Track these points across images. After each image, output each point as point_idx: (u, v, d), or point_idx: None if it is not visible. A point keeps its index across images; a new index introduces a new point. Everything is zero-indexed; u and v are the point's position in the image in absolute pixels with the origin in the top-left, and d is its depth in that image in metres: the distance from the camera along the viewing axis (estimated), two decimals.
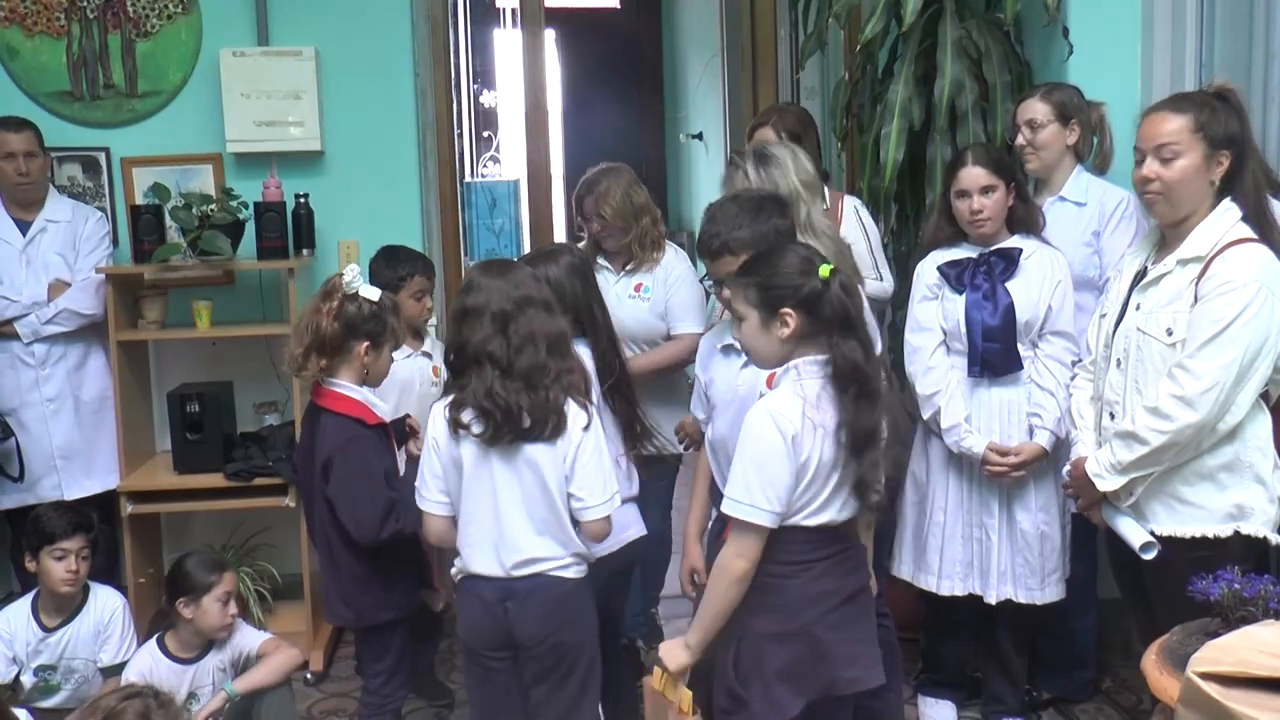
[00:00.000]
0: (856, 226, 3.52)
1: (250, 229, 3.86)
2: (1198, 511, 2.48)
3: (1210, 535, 2.46)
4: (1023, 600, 3.03)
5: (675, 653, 2.25)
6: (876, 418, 2.14)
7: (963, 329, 2.98)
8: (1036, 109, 3.15)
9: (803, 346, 2.18)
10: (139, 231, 3.77)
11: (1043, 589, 3.03)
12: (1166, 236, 2.60)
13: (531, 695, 2.42)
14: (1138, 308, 2.57)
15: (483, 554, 2.37)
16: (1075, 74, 3.42)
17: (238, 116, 4.03)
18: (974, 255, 3.02)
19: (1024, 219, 3.03)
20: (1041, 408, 2.97)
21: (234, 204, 3.80)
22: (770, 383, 2.30)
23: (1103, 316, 2.72)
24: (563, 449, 2.33)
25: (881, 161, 3.41)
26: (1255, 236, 2.48)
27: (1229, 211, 2.50)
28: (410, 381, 3.38)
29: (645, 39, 8.43)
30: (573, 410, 2.35)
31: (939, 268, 3.04)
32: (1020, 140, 3.16)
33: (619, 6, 8.61)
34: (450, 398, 2.36)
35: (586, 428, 2.36)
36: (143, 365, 4.07)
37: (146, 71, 4.10)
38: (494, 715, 2.46)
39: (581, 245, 3.58)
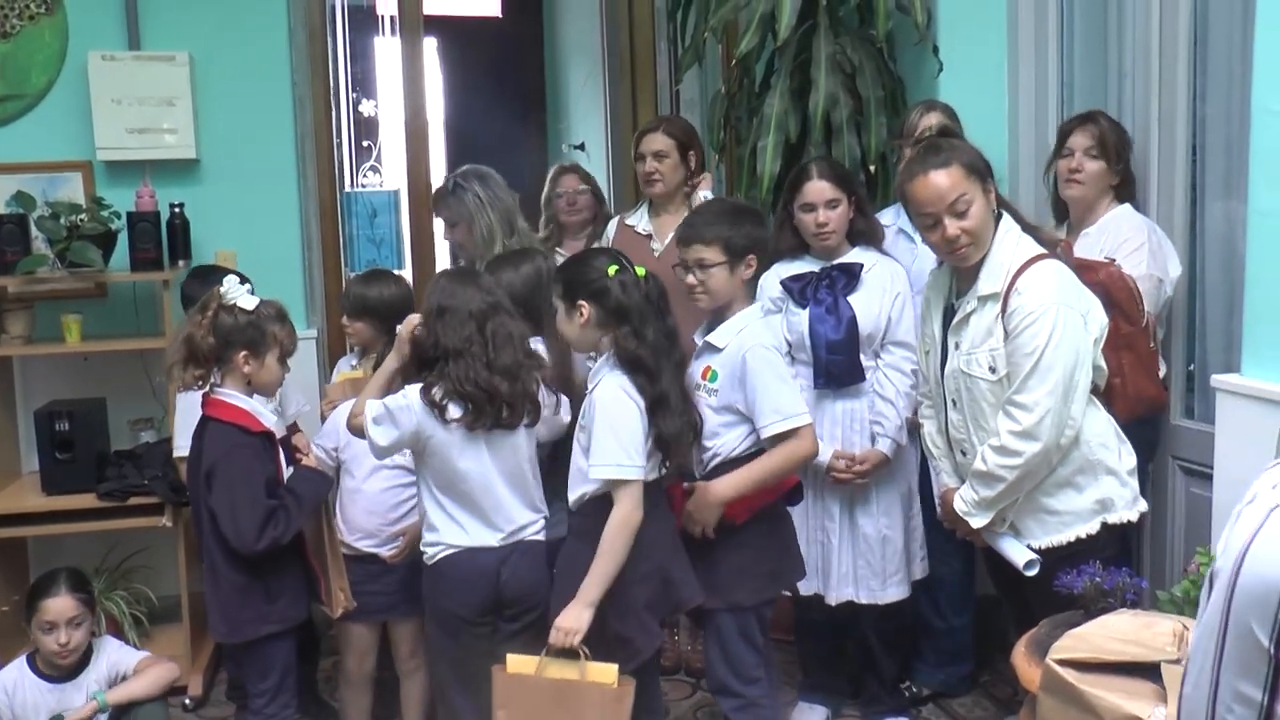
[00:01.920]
0: None
1: (123, 239, 3.76)
2: (1066, 517, 2.60)
3: (1084, 535, 2.59)
4: (864, 601, 3.14)
5: (578, 614, 2.44)
6: (660, 389, 2.50)
7: (807, 342, 3.07)
8: (942, 124, 3.24)
9: (609, 334, 2.55)
10: (1, 242, 3.63)
11: (884, 589, 3.14)
12: (962, 274, 2.67)
13: (508, 649, 2.58)
14: (956, 346, 2.64)
15: (480, 529, 2.63)
16: (945, 90, 3.55)
17: (108, 122, 3.92)
18: (816, 269, 3.11)
19: (864, 232, 3.13)
20: (884, 416, 3.09)
21: (105, 213, 3.70)
22: (705, 375, 2.75)
23: (926, 353, 2.81)
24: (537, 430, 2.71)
25: (759, 173, 3.48)
26: (1040, 252, 2.57)
27: (1009, 233, 2.59)
28: None
29: (527, 48, 8.41)
30: (544, 397, 2.70)
31: (782, 282, 3.11)
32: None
33: (500, 15, 8.58)
34: (420, 384, 2.58)
35: (556, 410, 2.78)
36: (7, 382, 3.93)
37: (7, 74, 3.96)
38: (475, 682, 2.59)
39: (541, 231, 3.84)
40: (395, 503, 3.07)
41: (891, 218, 3.37)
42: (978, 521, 2.64)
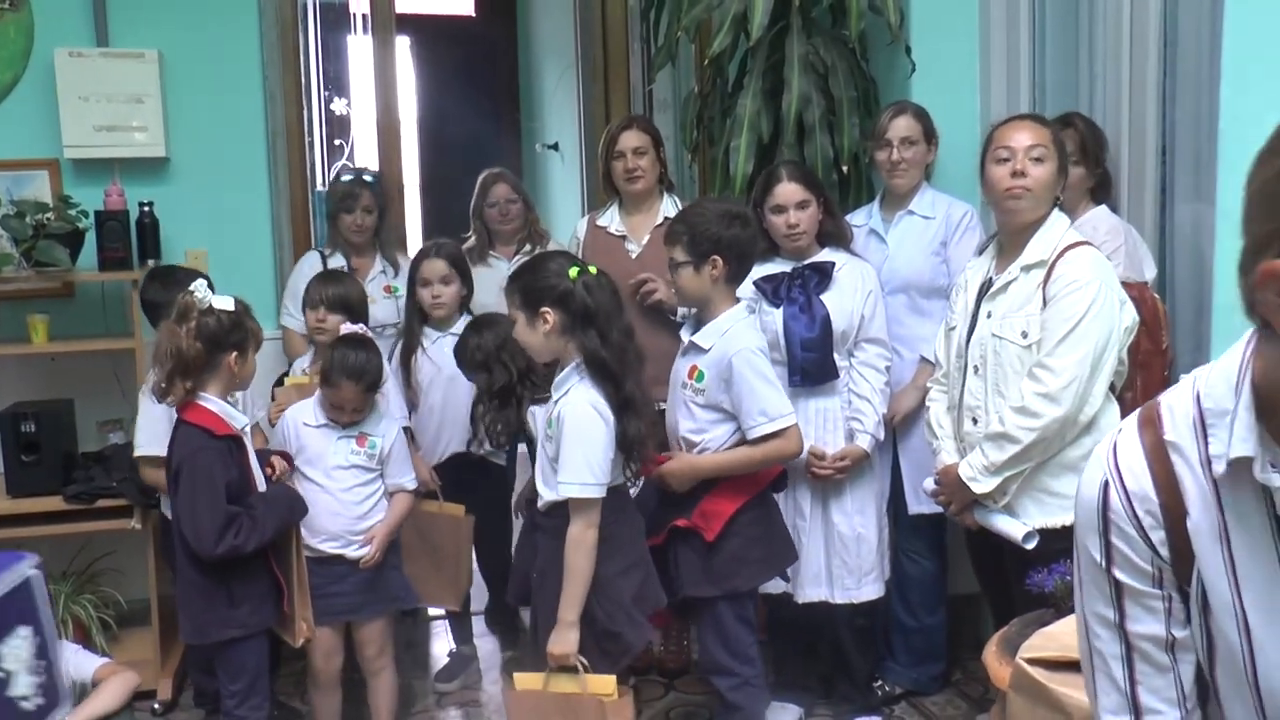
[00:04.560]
0: None
1: (91, 238, 3.71)
2: (1065, 501, 2.61)
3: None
4: (840, 600, 3.16)
5: (565, 637, 2.51)
6: (626, 393, 2.54)
7: (782, 340, 3.09)
8: (912, 126, 3.27)
9: (575, 340, 2.56)
10: None
11: (859, 588, 3.17)
12: (1005, 246, 2.75)
13: None
14: (989, 315, 2.71)
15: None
16: (918, 91, 3.56)
17: (75, 120, 3.88)
18: (788, 269, 3.13)
19: (834, 233, 3.17)
20: (861, 413, 3.11)
21: (72, 212, 3.65)
22: (691, 375, 2.81)
23: (951, 329, 2.85)
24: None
25: (732, 173, 3.48)
26: (1087, 240, 2.66)
27: (1061, 219, 2.69)
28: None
29: (501, 48, 8.40)
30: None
31: (755, 282, 3.13)
32: (894, 156, 3.26)
33: (474, 15, 8.56)
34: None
35: None
36: None
37: None
38: None
39: (471, 239, 3.85)
40: (359, 501, 3.06)
41: (863, 218, 3.39)
42: (981, 487, 2.66)
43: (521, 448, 3.65)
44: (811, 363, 3.08)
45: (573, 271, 2.56)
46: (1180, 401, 1.09)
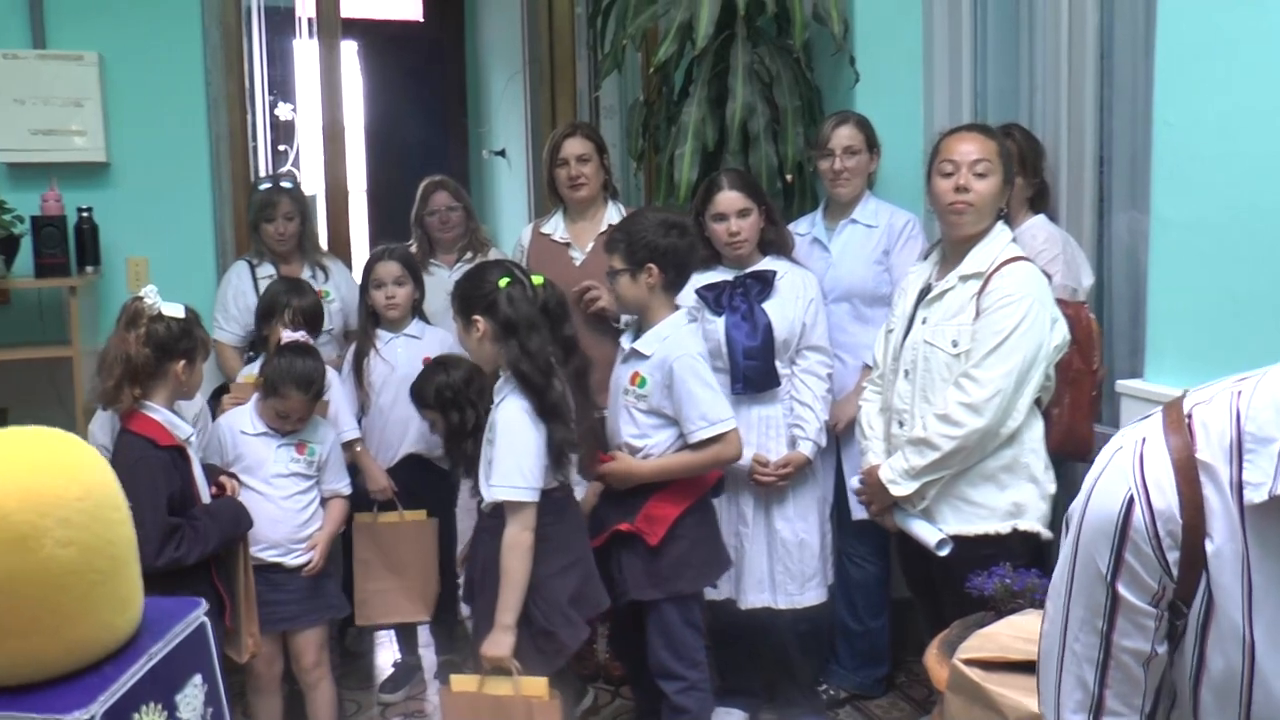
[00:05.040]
0: None
1: (27, 244, 3.65)
2: (981, 510, 2.66)
3: (992, 533, 2.64)
4: (782, 606, 3.19)
5: (500, 640, 2.55)
6: (550, 400, 2.60)
7: (724, 349, 3.11)
8: (855, 136, 3.30)
9: (501, 349, 2.63)
10: None
11: (802, 593, 3.20)
12: (947, 254, 2.78)
13: None
14: (924, 321, 2.74)
15: None
16: (861, 100, 3.60)
17: (11, 124, 3.81)
18: (730, 278, 3.16)
19: (775, 241, 3.20)
20: (803, 420, 3.14)
21: (8, 217, 3.59)
22: (634, 381, 2.85)
23: (889, 331, 2.88)
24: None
25: (676, 181, 3.50)
26: (1026, 255, 2.70)
27: (1004, 233, 2.72)
28: None
29: (449, 53, 8.36)
30: None
31: (697, 291, 3.16)
32: (837, 165, 3.30)
33: (422, 19, 8.52)
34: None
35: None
36: None
37: None
38: None
39: (412, 246, 3.82)
40: (299, 509, 3.04)
41: (806, 227, 3.42)
42: (899, 490, 2.68)
43: None
44: (754, 370, 3.10)
45: (503, 281, 2.63)
46: (1216, 419, 1.04)
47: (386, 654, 3.96)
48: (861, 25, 3.67)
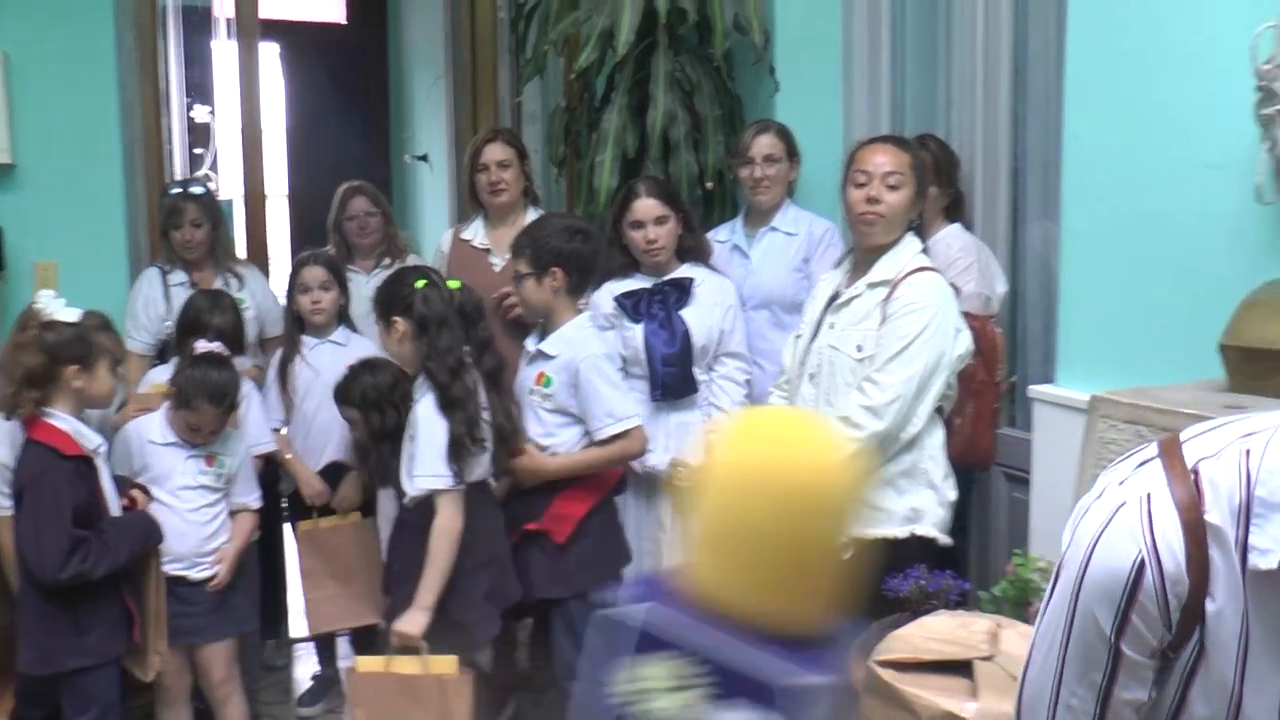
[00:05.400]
0: None
1: None
2: (879, 514, 2.69)
3: (890, 537, 2.68)
4: None
5: (416, 619, 2.63)
6: (453, 395, 2.68)
7: (642, 356, 3.14)
8: (775, 145, 3.33)
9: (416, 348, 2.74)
10: None
11: None
12: (858, 262, 2.82)
13: None
14: (831, 327, 2.77)
15: None
16: (782, 109, 3.64)
17: None
18: (648, 285, 3.18)
19: (693, 248, 3.23)
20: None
21: None
22: (539, 381, 2.93)
23: (797, 337, 2.92)
24: None
25: (596, 188, 3.51)
26: (934, 266, 2.75)
27: (913, 243, 2.76)
28: None
29: (372, 56, 8.28)
30: None
31: (615, 298, 3.19)
32: (757, 173, 3.33)
33: (345, 22, 8.43)
34: None
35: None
36: None
37: None
38: None
39: (329, 251, 3.79)
40: (206, 522, 2.99)
41: (727, 234, 3.45)
42: None
43: None
44: (672, 377, 3.13)
45: (419, 283, 2.75)
46: (1225, 477, 1.03)
47: (306, 667, 3.90)
48: (782, 35, 3.71)
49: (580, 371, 2.88)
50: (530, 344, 3.01)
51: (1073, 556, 1.09)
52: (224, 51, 5.75)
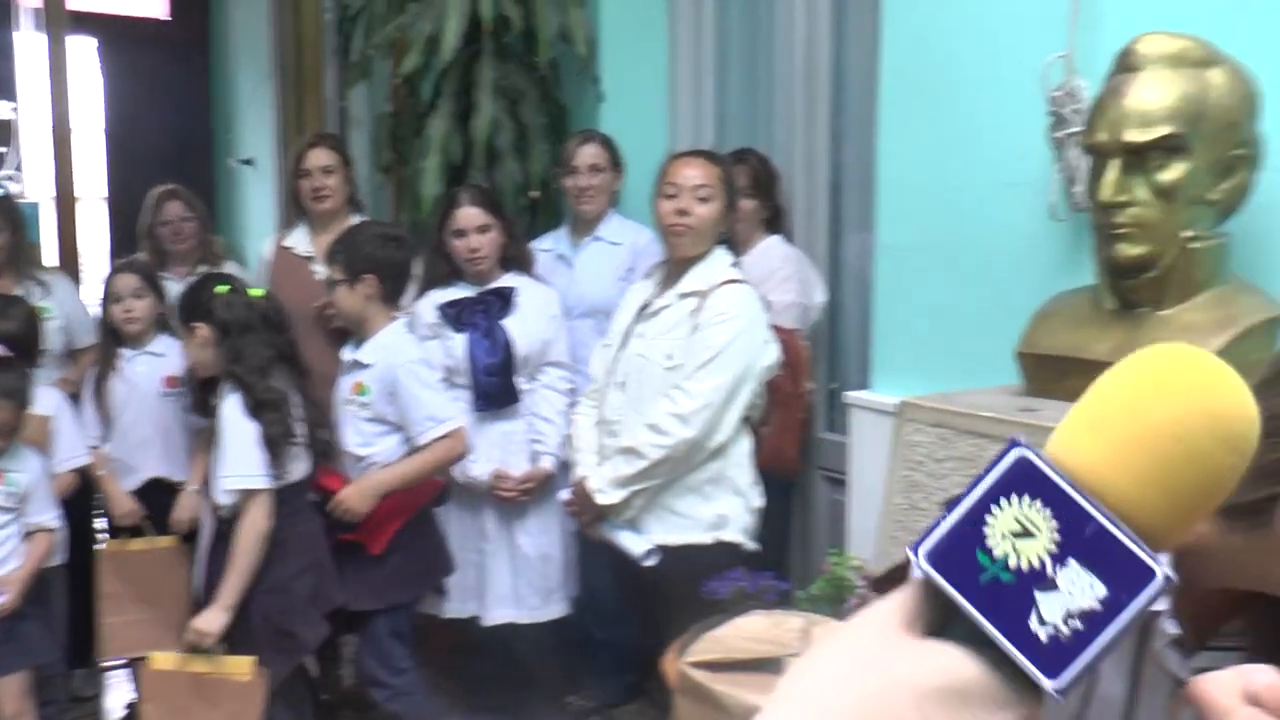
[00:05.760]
0: None
1: None
2: (685, 521, 2.75)
3: (696, 543, 2.73)
4: (525, 620, 3.21)
5: (215, 617, 2.61)
6: (260, 395, 2.67)
7: (465, 366, 3.13)
8: (599, 155, 3.35)
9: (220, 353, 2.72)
10: None
11: (546, 607, 3.23)
12: (668, 273, 2.86)
13: None
14: (641, 336, 2.81)
15: None
16: (607, 120, 3.67)
17: None
18: (471, 294, 3.18)
19: (516, 257, 3.23)
20: (544, 434, 3.18)
21: None
22: (356, 390, 2.88)
23: (606, 346, 2.94)
24: None
25: (421, 196, 3.47)
26: (744, 279, 2.81)
27: (723, 256, 2.82)
28: None
29: (195, 55, 8.00)
30: None
31: (438, 307, 3.17)
32: (581, 183, 3.34)
33: (168, 18, 8.11)
34: None
35: None
36: None
37: None
38: None
39: (143, 258, 3.66)
40: None
41: (551, 243, 3.46)
42: (607, 499, 2.74)
43: None
44: (494, 387, 3.13)
45: (220, 289, 2.74)
46: None
47: (118, 696, 3.72)
48: (607, 47, 3.75)
49: (398, 378, 2.84)
50: (346, 353, 2.96)
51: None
52: (29, 44, 5.47)
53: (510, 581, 3.19)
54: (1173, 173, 1.87)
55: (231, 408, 2.70)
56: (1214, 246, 1.94)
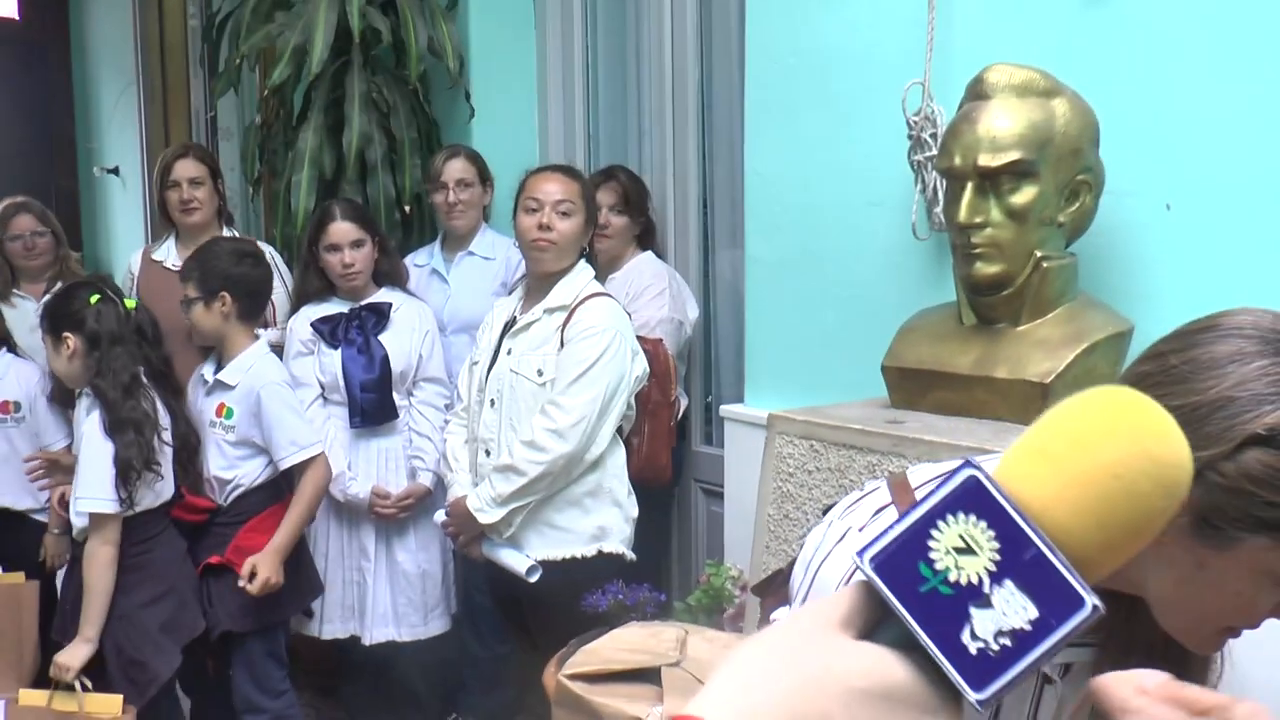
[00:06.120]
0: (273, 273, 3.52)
1: None
2: (566, 535, 2.76)
3: (578, 556, 2.75)
4: (407, 639, 3.20)
5: (77, 651, 2.56)
6: (121, 414, 2.59)
7: (341, 382, 3.11)
8: (467, 169, 3.34)
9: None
10: None
11: (426, 624, 3.23)
12: (532, 289, 2.88)
13: None
14: (509, 352, 2.81)
15: None
16: (479, 134, 3.68)
17: None
18: (346, 310, 3.16)
19: (390, 273, 3.23)
20: (422, 451, 3.18)
21: None
22: (220, 412, 2.85)
23: (474, 364, 2.95)
24: None
25: (293, 209, 3.42)
26: (608, 292, 2.85)
27: (586, 270, 2.84)
28: None
29: (53, 59, 7.70)
30: None
31: (313, 323, 3.15)
32: (450, 198, 3.33)
33: (18, 17, 7.78)
34: None
35: None
36: None
37: None
38: None
39: None
40: None
41: (425, 258, 3.45)
42: (487, 518, 2.74)
43: None
44: (371, 403, 3.11)
45: (93, 298, 2.63)
46: None
47: None
48: (477, 62, 3.75)
49: (262, 399, 2.82)
50: (207, 372, 2.92)
51: (796, 578, 1.14)
52: None
53: (390, 599, 3.16)
54: (1023, 196, 1.95)
55: (91, 425, 2.62)
56: (1064, 265, 2.03)
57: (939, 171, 2.14)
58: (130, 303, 2.72)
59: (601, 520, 2.77)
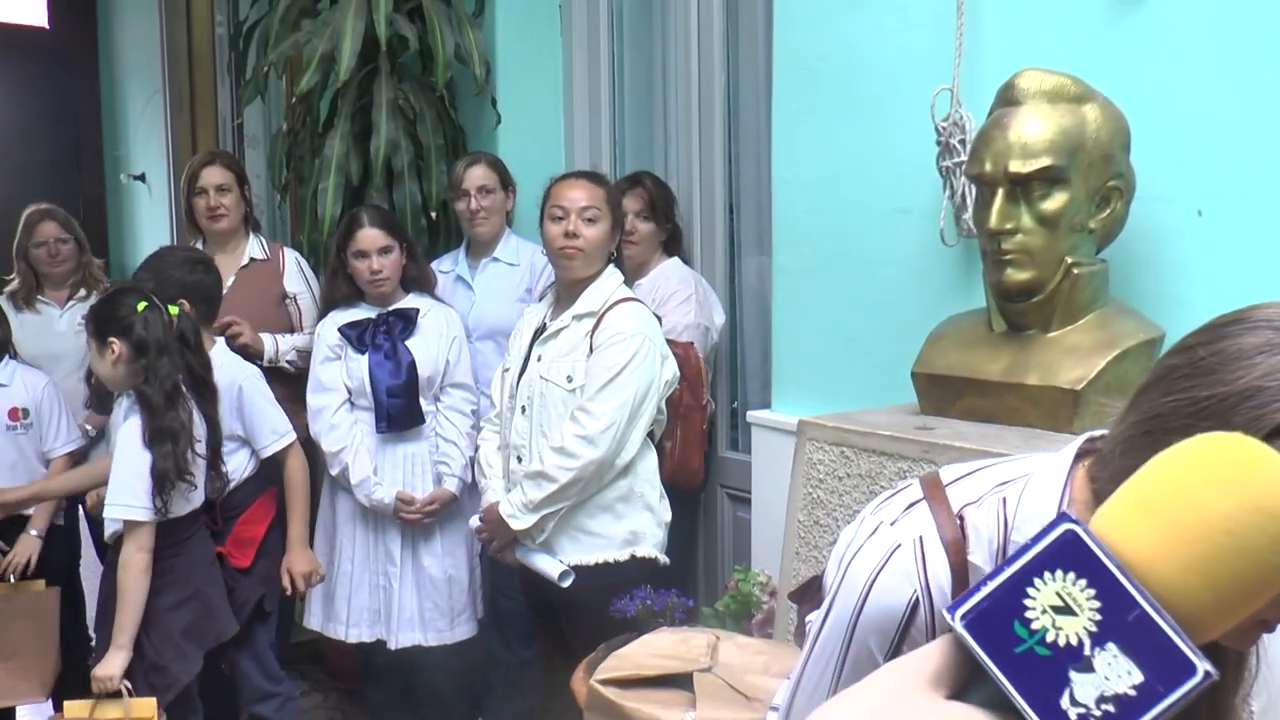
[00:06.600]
0: (299, 278, 3.55)
1: None
2: (599, 540, 2.76)
3: (611, 560, 2.75)
4: (433, 643, 3.20)
5: (112, 660, 2.57)
6: (162, 424, 2.60)
7: (368, 387, 3.12)
8: (488, 176, 3.35)
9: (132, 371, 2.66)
10: None
11: (452, 629, 3.23)
12: (561, 296, 2.89)
13: None
14: (539, 359, 2.82)
15: None
16: (504, 141, 3.68)
17: None
18: (373, 315, 3.17)
19: (417, 278, 3.24)
20: (448, 456, 3.19)
21: None
22: None
23: (505, 370, 2.95)
24: None
25: (320, 216, 3.44)
26: (636, 297, 2.85)
27: (614, 275, 2.85)
28: None
29: (81, 67, 7.77)
30: None
31: (340, 329, 3.16)
32: (473, 205, 3.34)
33: (49, 27, 7.86)
34: None
35: None
36: None
37: None
38: None
39: (15, 282, 3.61)
40: None
41: (450, 264, 3.46)
42: (519, 524, 2.74)
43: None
44: (398, 409, 3.12)
45: (140, 305, 2.64)
46: (986, 523, 1.10)
47: None
48: (503, 69, 3.76)
49: (243, 391, 2.89)
50: None
51: (848, 590, 1.15)
52: None
53: (417, 604, 3.17)
54: (1054, 202, 1.95)
55: (129, 432, 2.63)
56: (1095, 272, 2.02)
57: (969, 177, 2.14)
58: (174, 310, 2.73)
59: (634, 525, 2.77)
